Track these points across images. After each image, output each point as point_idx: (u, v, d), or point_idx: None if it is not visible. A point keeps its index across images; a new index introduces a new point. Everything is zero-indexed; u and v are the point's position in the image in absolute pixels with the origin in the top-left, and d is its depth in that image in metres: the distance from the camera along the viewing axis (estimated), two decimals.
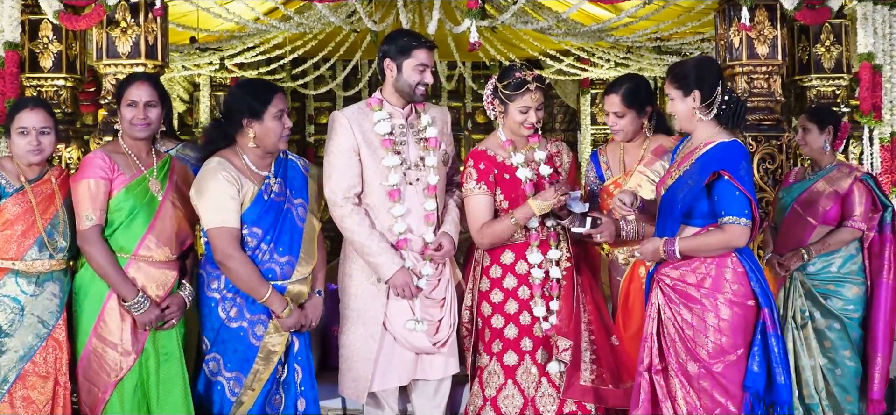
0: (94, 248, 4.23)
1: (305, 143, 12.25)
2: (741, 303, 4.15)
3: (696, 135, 4.25)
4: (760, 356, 4.16)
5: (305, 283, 4.44)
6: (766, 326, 4.15)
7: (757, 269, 4.20)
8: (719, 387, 4.14)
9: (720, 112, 4.19)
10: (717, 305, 4.14)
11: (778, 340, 4.15)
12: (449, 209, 4.72)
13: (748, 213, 4.08)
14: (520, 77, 4.64)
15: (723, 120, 4.20)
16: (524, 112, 4.63)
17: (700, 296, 4.16)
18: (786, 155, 6.25)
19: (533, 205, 4.54)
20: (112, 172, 4.26)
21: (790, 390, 4.18)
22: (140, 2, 6.08)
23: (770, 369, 4.16)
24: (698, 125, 4.23)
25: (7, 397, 4.19)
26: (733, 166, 4.08)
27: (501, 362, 4.62)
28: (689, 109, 4.22)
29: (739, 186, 4.06)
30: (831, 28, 6.75)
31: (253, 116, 4.34)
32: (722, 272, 4.15)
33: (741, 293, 4.15)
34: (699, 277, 4.16)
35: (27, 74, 6.37)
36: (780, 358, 4.15)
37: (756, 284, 4.16)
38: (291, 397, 4.47)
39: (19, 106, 4.34)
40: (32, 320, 4.22)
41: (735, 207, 4.07)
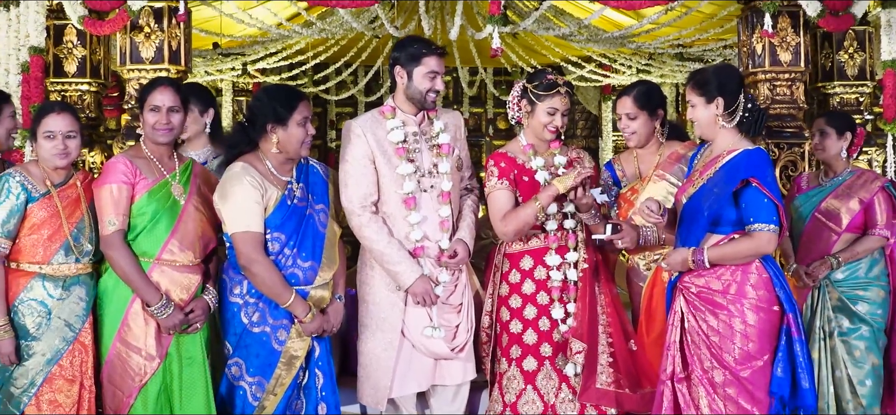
0: (117, 252, 4.23)
1: (327, 148, 12.29)
2: (766, 308, 4.14)
3: (717, 143, 4.24)
4: (785, 362, 4.15)
5: (327, 288, 4.45)
6: (791, 331, 4.15)
7: (780, 275, 4.20)
8: (746, 393, 4.13)
9: (743, 120, 4.19)
10: (744, 310, 4.14)
11: (802, 345, 4.15)
12: (463, 215, 4.73)
13: (776, 219, 4.08)
14: (551, 79, 4.66)
15: (744, 128, 4.20)
16: (551, 114, 4.63)
17: (726, 302, 4.16)
18: (808, 162, 6.22)
19: (556, 183, 4.52)
20: (134, 176, 4.27)
21: (814, 395, 4.18)
22: (164, 7, 6.11)
23: (795, 374, 4.15)
24: (720, 133, 4.22)
25: (34, 401, 4.20)
26: (761, 173, 4.09)
27: (521, 368, 4.61)
28: (711, 116, 4.22)
29: (768, 192, 4.06)
30: (855, 35, 6.72)
31: (278, 121, 4.35)
32: (747, 278, 4.14)
33: (766, 299, 4.15)
34: (724, 284, 4.16)
35: (52, 79, 6.42)
36: (805, 363, 4.15)
37: (780, 289, 4.16)
38: (312, 402, 4.47)
39: (45, 110, 4.34)
40: (59, 324, 4.23)
41: (763, 214, 4.07)
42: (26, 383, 4.19)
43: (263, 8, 8.11)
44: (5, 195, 4.17)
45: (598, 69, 10.38)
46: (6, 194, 4.17)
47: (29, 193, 4.21)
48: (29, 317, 4.20)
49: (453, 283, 4.65)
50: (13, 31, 5.96)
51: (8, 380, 4.19)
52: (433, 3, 8.05)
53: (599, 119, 12.00)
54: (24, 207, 4.19)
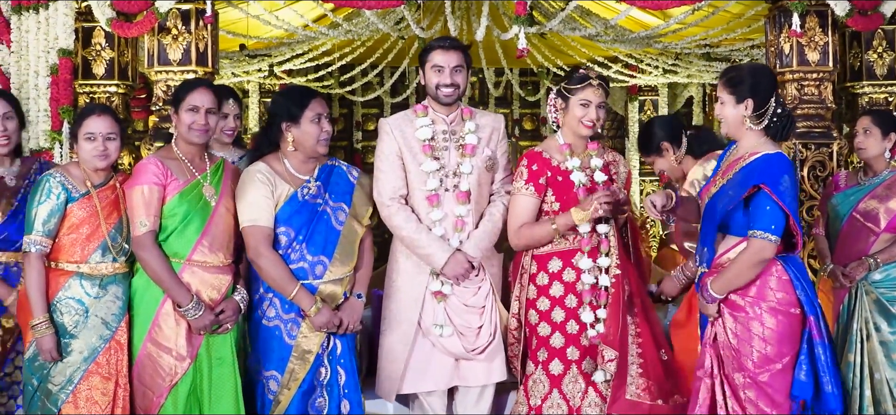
0: (148, 253, 4.28)
1: (353, 148, 12.30)
2: (785, 311, 4.11)
3: (742, 144, 4.21)
4: (807, 365, 4.10)
5: (340, 284, 4.49)
6: (813, 334, 4.10)
7: (802, 277, 4.15)
8: (765, 397, 4.10)
9: (770, 124, 4.16)
10: (762, 313, 4.11)
11: (825, 348, 4.10)
12: (485, 217, 4.72)
13: (777, 227, 4.03)
14: (583, 72, 4.67)
15: (771, 132, 4.17)
16: (585, 106, 4.59)
17: (744, 304, 4.13)
18: (836, 162, 6.19)
19: (574, 215, 4.52)
20: (166, 177, 4.31)
21: (839, 400, 4.11)
22: (191, 9, 6.15)
23: (817, 378, 4.11)
24: (746, 134, 4.19)
25: (71, 398, 4.25)
26: (773, 179, 4.03)
27: (547, 371, 4.60)
28: (739, 117, 4.19)
29: (776, 198, 4.01)
30: (884, 34, 6.67)
31: (291, 119, 4.45)
32: (766, 280, 4.11)
33: (786, 301, 4.11)
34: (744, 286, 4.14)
35: (80, 81, 6.45)
36: (828, 366, 4.09)
37: (801, 292, 4.11)
38: (335, 400, 4.51)
39: (86, 112, 4.41)
40: (96, 322, 4.28)
41: (763, 221, 4.03)
42: (64, 380, 4.24)
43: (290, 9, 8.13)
44: (46, 195, 4.24)
45: (625, 70, 10.35)
46: (47, 194, 4.24)
47: (69, 193, 4.27)
48: (67, 315, 4.25)
49: (476, 285, 4.67)
50: (42, 33, 6.00)
51: (46, 378, 4.25)
52: (459, 4, 8.05)
53: (626, 119, 11.96)
54: (65, 206, 4.26)
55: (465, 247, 4.62)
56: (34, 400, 4.28)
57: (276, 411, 4.43)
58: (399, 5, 5.98)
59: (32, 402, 4.28)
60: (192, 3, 6.12)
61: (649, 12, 8.13)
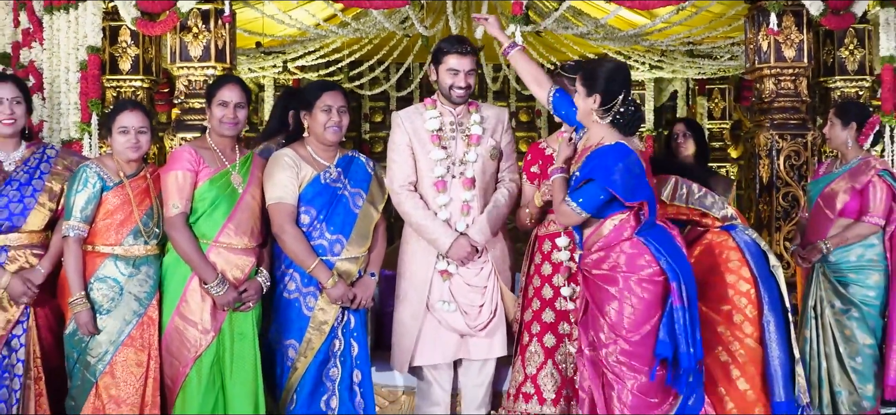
0: (178, 233, 4.32)
1: (361, 139, 12.30)
2: (650, 279, 4.08)
3: (590, 133, 4.22)
4: (668, 327, 4.07)
5: (355, 263, 4.52)
6: (673, 299, 4.07)
7: (665, 246, 4.11)
8: (636, 357, 4.08)
9: (615, 119, 4.13)
10: (632, 284, 4.08)
11: (684, 311, 4.06)
12: (490, 203, 4.72)
13: (587, 205, 4.05)
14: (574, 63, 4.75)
15: (618, 126, 4.15)
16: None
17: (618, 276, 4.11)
18: (810, 151, 6.20)
19: (536, 198, 4.66)
20: (198, 165, 4.36)
21: (692, 359, 4.06)
22: (210, 9, 6.16)
23: (675, 339, 4.09)
24: (593, 125, 4.20)
25: (108, 368, 4.28)
26: (606, 172, 4.05)
27: (542, 343, 4.62)
28: (587, 109, 4.18)
29: (607, 188, 4.03)
30: (855, 32, 6.67)
31: (307, 108, 4.53)
32: (634, 255, 4.10)
33: (649, 272, 4.08)
34: (611, 264, 4.12)
35: (108, 76, 6.47)
36: (685, 328, 4.04)
37: (664, 261, 4.07)
38: (347, 369, 4.54)
39: (120, 108, 4.43)
40: (130, 299, 4.31)
41: (580, 192, 4.07)
42: (101, 352, 4.28)
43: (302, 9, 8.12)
44: (83, 184, 4.27)
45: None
46: (84, 183, 4.27)
47: (104, 182, 4.30)
48: (102, 292, 4.28)
49: (479, 266, 4.68)
50: (72, 31, 6.01)
51: (85, 350, 4.28)
52: (460, 4, 8.03)
53: None
54: (100, 195, 4.28)
55: (469, 231, 4.63)
56: (75, 372, 4.32)
57: (293, 378, 4.48)
58: (404, 5, 5.98)
59: (73, 373, 4.33)
60: (211, 3, 6.13)
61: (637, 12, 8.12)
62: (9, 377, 4.37)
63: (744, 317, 4.40)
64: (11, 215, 4.37)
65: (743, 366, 4.35)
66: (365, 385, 4.56)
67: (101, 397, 4.27)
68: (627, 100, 4.13)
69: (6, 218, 4.37)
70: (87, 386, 4.29)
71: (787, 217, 6.16)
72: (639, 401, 4.10)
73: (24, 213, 4.40)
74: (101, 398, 4.27)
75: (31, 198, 4.41)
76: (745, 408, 4.33)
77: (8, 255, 4.37)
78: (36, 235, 4.43)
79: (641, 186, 4.12)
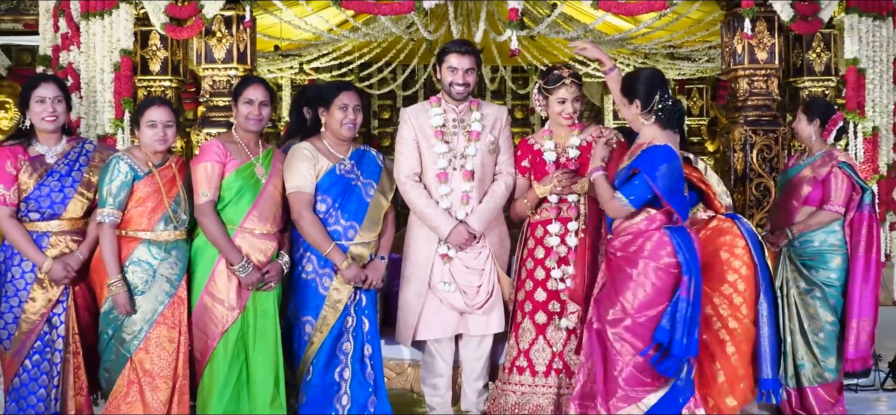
0: (207, 219, 4.35)
1: (370, 134, 12.30)
2: (666, 269, 4.17)
3: (641, 134, 4.34)
4: (671, 316, 4.16)
5: (367, 247, 4.56)
6: (682, 291, 4.16)
7: (685, 244, 4.20)
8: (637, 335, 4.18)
9: (658, 116, 4.26)
10: (649, 270, 4.17)
11: (688, 304, 4.15)
12: (488, 194, 4.75)
13: (635, 200, 4.15)
14: (557, 73, 4.71)
15: (662, 122, 4.27)
16: (562, 103, 4.68)
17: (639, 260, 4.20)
18: (781, 146, 6.23)
19: (536, 189, 4.67)
20: (225, 157, 4.39)
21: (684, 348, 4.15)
22: (233, 15, 6.17)
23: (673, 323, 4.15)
24: (642, 127, 4.32)
25: (143, 344, 4.31)
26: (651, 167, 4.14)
27: (533, 321, 4.66)
28: (633, 114, 4.33)
29: (649, 181, 4.12)
30: (822, 36, 6.67)
31: (325, 106, 4.55)
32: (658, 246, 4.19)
33: (668, 263, 4.17)
34: (635, 248, 4.22)
35: (139, 77, 6.47)
36: (683, 320, 4.14)
37: (682, 256, 4.17)
38: (359, 343, 4.57)
39: (148, 103, 4.45)
40: (162, 280, 4.33)
41: (628, 189, 4.17)
42: (136, 329, 4.31)
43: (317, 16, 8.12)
44: (116, 174, 4.29)
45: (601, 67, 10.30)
46: (116, 173, 4.29)
47: (136, 172, 4.32)
48: (137, 275, 4.30)
49: (477, 250, 4.70)
50: (107, 36, 6.02)
51: (120, 328, 4.31)
52: (461, 11, 8.03)
53: (602, 109, 11.97)
54: (132, 183, 4.30)
55: (468, 219, 4.65)
56: (109, 347, 4.35)
57: (310, 351, 4.52)
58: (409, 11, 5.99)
59: (108, 348, 4.36)
60: (233, 9, 6.14)
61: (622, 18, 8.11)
62: (50, 351, 4.41)
63: (743, 299, 4.52)
64: (53, 204, 4.40)
65: (738, 343, 4.44)
66: (375, 358, 4.60)
67: (135, 370, 4.31)
68: (664, 97, 4.26)
69: (48, 206, 4.40)
70: (122, 360, 4.32)
71: (758, 206, 6.18)
72: (634, 377, 4.18)
73: (64, 201, 4.43)
74: (136, 371, 4.31)
75: (70, 188, 4.44)
76: (734, 381, 4.42)
77: (49, 240, 4.40)
78: (75, 223, 4.46)
79: (679, 192, 4.23)
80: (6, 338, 4.40)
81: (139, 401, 4.30)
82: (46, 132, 4.49)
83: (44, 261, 4.35)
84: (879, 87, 6.08)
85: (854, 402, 5.60)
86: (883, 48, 6.10)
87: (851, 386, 5.76)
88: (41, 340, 4.39)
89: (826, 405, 5.27)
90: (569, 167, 4.66)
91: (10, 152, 4.41)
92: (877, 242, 5.30)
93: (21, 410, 4.38)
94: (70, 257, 4.39)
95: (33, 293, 4.39)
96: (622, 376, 4.20)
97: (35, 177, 4.41)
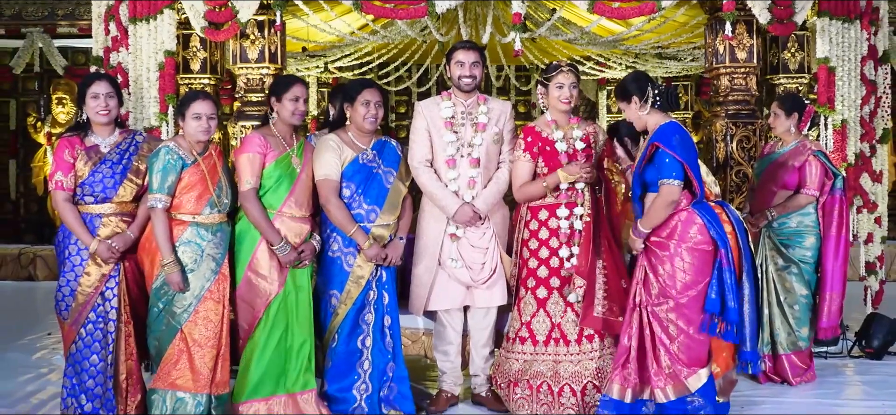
0: (251, 204, 4.35)
1: (388, 127, 12.29)
2: (700, 249, 4.16)
3: (648, 126, 4.32)
4: (717, 287, 4.17)
5: (387, 229, 4.54)
6: (722, 263, 4.16)
7: (713, 219, 4.20)
8: (684, 316, 4.18)
9: (656, 102, 4.25)
10: (682, 251, 4.16)
11: (730, 274, 4.16)
12: (492, 180, 4.71)
13: (677, 175, 4.11)
14: (555, 63, 4.69)
15: (661, 107, 4.26)
16: (560, 88, 4.61)
17: (670, 245, 4.20)
18: (759, 136, 6.20)
19: (560, 174, 4.54)
20: (265, 148, 4.38)
21: (737, 312, 4.19)
22: (265, 19, 6.16)
23: (723, 297, 4.15)
24: (646, 119, 4.29)
25: (192, 317, 4.31)
26: (667, 139, 4.12)
27: (535, 295, 4.62)
28: (635, 111, 4.32)
29: (671, 151, 4.09)
30: (796, 38, 6.63)
31: (349, 102, 4.54)
32: (686, 226, 4.19)
33: (700, 241, 4.16)
34: (668, 232, 4.20)
35: (181, 75, 6.47)
36: (732, 287, 4.16)
37: (713, 231, 4.17)
38: (379, 315, 4.57)
39: (193, 97, 4.41)
40: (208, 259, 4.32)
41: (666, 171, 4.12)
42: (187, 304, 4.30)
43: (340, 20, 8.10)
44: (165, 162, 4.26)
45: (596, 66, 10.29)
46: (166, 162, 4.26)
47: (183, 160, 4.29)
48: (188, 255, 4.29)
49: (482, 230, 4.67)
50: (152, 38, 6.02)
51: (171, 302, 4.30)
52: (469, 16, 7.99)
53: (596, 105, 11.91)
54: (180, 171, 4.27)
55: (475, 201, 4.62)
56: (159, 319, 4.34)
57: (335, 321, 4.52)
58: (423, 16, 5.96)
59: (158, 320, 4.35)
60: (265, 14, 6.12)
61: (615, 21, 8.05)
62: (103, 322, 4.41)
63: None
64: (105, 188, 4.40)
65: None
66: (393, 328, 4.59)
67: (185, 340, 4.31)
68: (655, 84, 4.27)
69: (101, 190, 4.39)
70: (173, 331, 4.32)
71: (738, 190, 6.15)
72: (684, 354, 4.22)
73: (116, 186, 4.41)
74: (186, 341, 4.31)
75: (121, 174, 4.43)
76: (718, 350, 4.41)
77: (101, 220, 4.39)
78: (125, 206, 4.44)
79: (695, 162, 4.21)
80: (65, 309, 4.41)
81: (188, 367, 4.31)
82: (100, 125, 4.47)
83: (91, 241, 4.33)
84: (848, 84, 6.03)
85: (823, 367, 5.58)
86: (851, 48, 6.05)
87: (821, 353, 5.74)
88: (95, 311, 4.39)
89: (798, 371, 5.27)
90: (578, 157, 4.60)
91: (68, 143, 4.41)
92: (846, 223, 5.29)
93: (77, 373, 4.41)
94: (119, 237, 4.37)
95: (88, 268, 4.38)
96: (674, 354, 4.21)
97: (90, 164, 4.40)
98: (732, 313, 4.16)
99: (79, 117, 4.52)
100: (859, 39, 6.13)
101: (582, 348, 4.54)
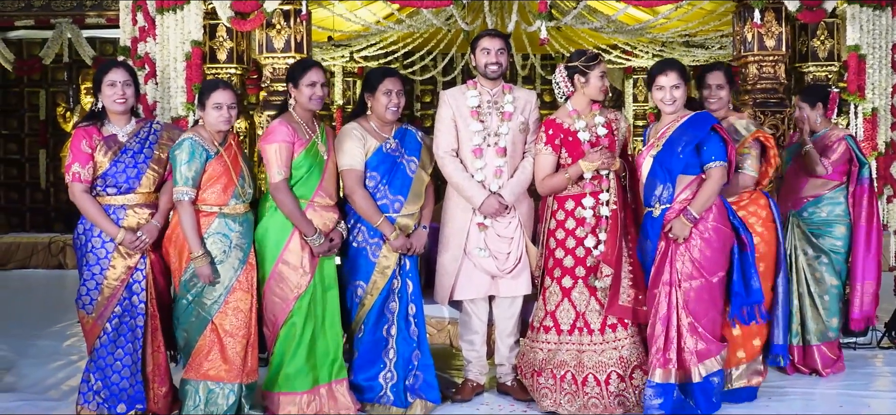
0: (283, 195, 4.29)
1: (413, 116, 12.30)
2: (727, 232, 4.27)
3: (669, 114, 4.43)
4: (738, 270, 4.29)
5: (412, 218, 4.52)
6: (743, 246, 4.29)
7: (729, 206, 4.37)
8: (711, 295, 4.26)
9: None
10: (719, 231, 4.25)
11: (752, 254, 4.30)
12: (518, 169, 4.68)
13: (726, 155, 4.24)
14: (592, 52, 4.62)
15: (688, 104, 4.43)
16: (602, 78, 4.57)
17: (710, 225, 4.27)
18: (787, 125, 6.15)
19: (582, 164, 4.49)
20: (292, 137, 4.31)
21: (760, 292, 4.32)
22: (291, 9, 6.17)
23: (746, 276, 4.21)
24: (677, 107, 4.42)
25: (222, 308, 4.28)
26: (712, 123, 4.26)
27: (560, 285, 4.60)
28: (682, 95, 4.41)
29: (725, 134, 4.22)
30: (826, 25, 6.56)
31: (371, 91, 4.50)
32: (719, 208, 4.29)
33: (727, 223, 4.29)
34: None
35: (208, 65, 6.51)
36: (752, 267, 4.29)
37: (733, 216, 4.30)
38: (404, 303, 4.56)
39: (213, 86, 4.33)
40: (236, 250, 4.29)
41: (720, 153, 4.23)
42: (217, 295, 4.27)
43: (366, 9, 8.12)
44: (190, 155, 4.20)
45: (622, 55, 10.24)
46: (191, 154, 4.20)
47: (208, 152, 4.24)
48: (216, 246, 4.25)
49: (508, 220, 4.66)
50: (179, 28, 6.05)
51: (200, 294, 4.27)
52: (494, 4, 7.97)
53: (623, 93, 11.85)
54: (204, 163, 4.23)
55: (501, 191, 4.61)
56: (188, 310, 4.30)
57: (361, 311, 4.51)
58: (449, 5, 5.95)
59: (187, 312, 4.31)
60: (291, 4, 6.14)
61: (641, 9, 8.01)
62: (130, 316, 4.32)
63: (767, 267, 4.64)
64: (129, 179, 4.30)
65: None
66: (418, 317, 4.57)
67: (216, 331, 4.28)
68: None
69: (124, 181, 4.29)
70: (203, 323, 4.28)
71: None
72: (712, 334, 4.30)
73: (139, 176, 4.31)
74: (217, 332, 4.28)
75: (143, 164, 4.32)
76: (747, 337, 4.51)
77: (126, 212, 4.29)
78: (148, 196, 4.35)
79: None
80: (89, 303, 4.32)
81: (220, 357, 4.28)
82: (117, 114, 4.36)
83: (117, 232, 4.25)
84: (879, 72, 5.94)
85: (852, 358, 5.52)
86: (882, 35, 5.96)
87: (850, 344, 5.69)
88: (120, 305, 4.31)
89: (829, 361, 5.22)
90: (600, 144, 4.56)
91: (85, 133, 4.30)
92: (876, 212, 5.24)
93: (102, 369, 4.33)
94: (147, 227, 4.30)
95: (114, 261, 4.30)
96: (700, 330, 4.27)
97: (109, 155, 4.30)
98: (755, 294, 4.26)
99: (94, 106, 4.40)
100: (890, 26, 6.03)
101: (606, 338, 4.52)
